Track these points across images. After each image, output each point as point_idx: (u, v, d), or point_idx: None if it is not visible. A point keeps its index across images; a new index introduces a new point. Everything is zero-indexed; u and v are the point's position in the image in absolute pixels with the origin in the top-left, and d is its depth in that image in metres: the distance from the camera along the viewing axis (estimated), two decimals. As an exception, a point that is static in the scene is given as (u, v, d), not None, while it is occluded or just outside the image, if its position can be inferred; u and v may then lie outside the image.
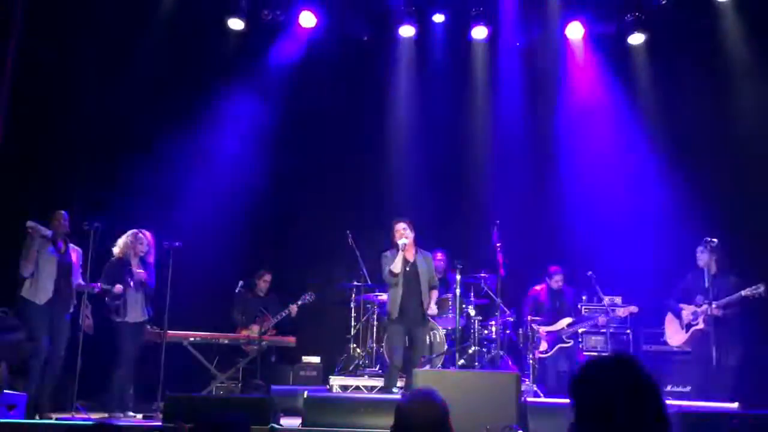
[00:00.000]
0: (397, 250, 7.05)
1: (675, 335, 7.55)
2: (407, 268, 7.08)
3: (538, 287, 8.39)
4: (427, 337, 7.66)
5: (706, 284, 7.03)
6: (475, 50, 9.83)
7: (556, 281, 8.25)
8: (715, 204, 8.64)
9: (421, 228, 7.27)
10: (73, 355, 6.59)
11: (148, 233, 7.25)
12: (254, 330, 8.33)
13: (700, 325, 7.18)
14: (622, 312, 8.00)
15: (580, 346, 8.31)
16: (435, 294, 7.28)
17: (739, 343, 7.13)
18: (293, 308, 8.52)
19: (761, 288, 6.91)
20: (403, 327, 6.97)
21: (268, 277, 8.84)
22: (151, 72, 9.07)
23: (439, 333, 8.22)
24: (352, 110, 9.80)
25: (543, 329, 8.18)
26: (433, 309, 7.23)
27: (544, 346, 8.18)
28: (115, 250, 7.08)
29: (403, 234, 7.06)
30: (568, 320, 8.09)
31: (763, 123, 8.70)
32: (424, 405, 2.63)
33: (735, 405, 6.06)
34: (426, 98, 9.78)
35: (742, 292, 6.98)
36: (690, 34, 9.16)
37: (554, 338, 8.15)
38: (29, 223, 6.54)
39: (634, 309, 7.94)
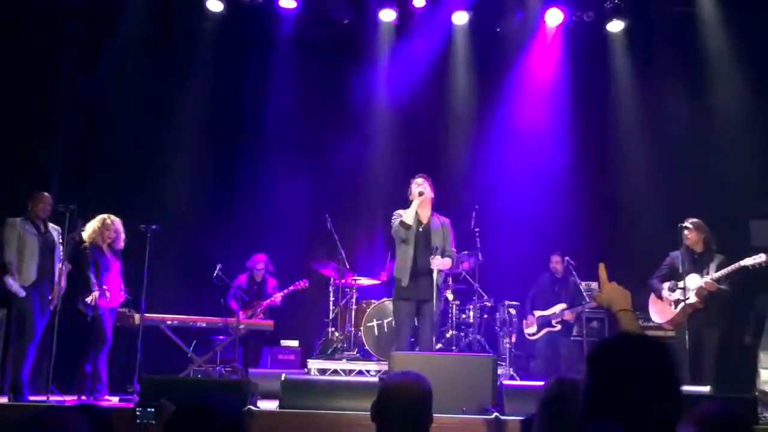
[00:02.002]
0: (415, 207, 6.50)
1: (661, 313, 7.20)
2: (420, 229, 6.52)
3: (544, 273, 8.49)
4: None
5: (687, 264, 6.93)
6: (455, 35, 9.82)
7: (555, 265, 8.33)
8: (689, 191, 8.75)
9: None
10: (49, 337, 6.53)
11: (117, 219, 7.12)
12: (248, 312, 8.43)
13: (692, 299, 6.85)
14: None
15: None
16: (447, 262, 6.58)
17: (721, 323, 7.03)
18: (277, 296, 8.61)
19: (763, 257, 6.60)
20: (411, 303, 6.41)
21: (260, 265, 8.87)
22: (128, 54, 9.01)
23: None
24: (332, 94, 9.78)
25: (537, 312, 8.28)
26: (437, 262, 6.40)
27: (533, 329, 8.27)
28: (84, 235, 6.94)
29: (421, 185, 6.55)
30: (561, 306, 8.18)
31: (738, 111, 8.80)
32: (412, 385, 2.67)
33: (707, 388, 6.13)
34: (406, 82, 9.76)
35: (742, 262, 6.67)
36: (668, 22, 9.22)
37: (544, 322, 8.23)
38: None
39: None
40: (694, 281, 6.96)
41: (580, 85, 9.61)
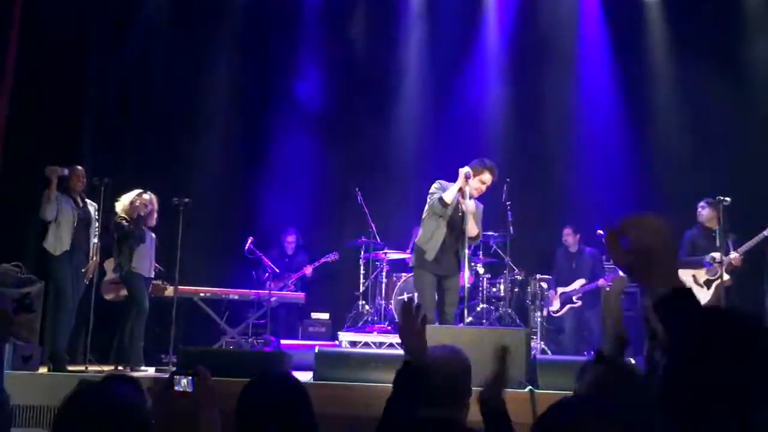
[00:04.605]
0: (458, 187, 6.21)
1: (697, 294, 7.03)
2: (459, 213, 6.30)
3: (559, 248, 8.46)
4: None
5: (715, 241, 6.84)
6: (485, 6, 9.69)
7: (567, 240, 8.30)
8: (726, 167, 8.57)
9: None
10: (86, 308, 6.65)
11: (152, 196, 7.13)
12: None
13: (725, 278, 6.70)
14: None
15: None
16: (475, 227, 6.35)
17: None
18: (308, 269, 8.71)
19: None
20: (434, 277, 6.27)
21: (290, 238, 8.95)
22: (159, 27, 9.04)
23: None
24: (360, 68, 9.71)
25: (559, 289, 8.27)
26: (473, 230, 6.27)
27: (556, 305, 8.27)
28: (118, 208, 6.96)
29: (481, 189, 6.29)
30: (581, 281, 8.16)
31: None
32: (451, 359, 2.67)
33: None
34: (435, 55, 9.66)
35: (765, 232, 6.61)
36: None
37: (566, 298, 8.22)
38: (48, 168, 6.48)
39: None
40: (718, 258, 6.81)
41: (614, 55, 9.45)
